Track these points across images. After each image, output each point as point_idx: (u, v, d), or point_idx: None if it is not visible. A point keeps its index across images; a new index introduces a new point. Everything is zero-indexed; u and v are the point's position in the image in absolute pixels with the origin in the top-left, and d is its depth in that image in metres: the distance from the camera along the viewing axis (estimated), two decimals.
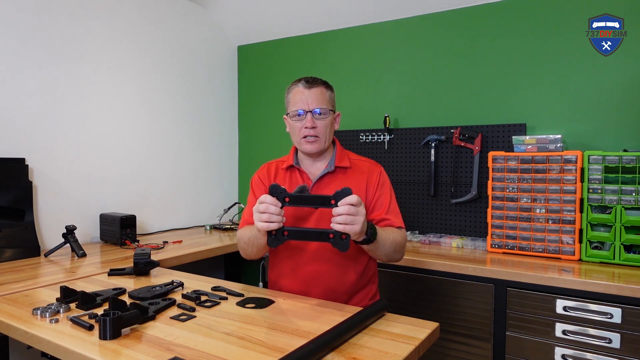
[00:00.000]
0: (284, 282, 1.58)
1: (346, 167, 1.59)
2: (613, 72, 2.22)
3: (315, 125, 1.52)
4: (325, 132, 1.55)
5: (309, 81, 1.56)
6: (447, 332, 2.04)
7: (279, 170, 1.66)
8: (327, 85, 1.60)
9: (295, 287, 1.54)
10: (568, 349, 1.79)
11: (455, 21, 2.62)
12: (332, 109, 1.59)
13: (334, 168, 1.57)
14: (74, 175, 2.41)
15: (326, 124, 1.55)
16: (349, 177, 1.57)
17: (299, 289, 1.54)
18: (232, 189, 3.51)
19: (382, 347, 1.09)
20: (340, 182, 1.56)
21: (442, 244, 2.42)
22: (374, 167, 1.61)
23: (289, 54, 3.26)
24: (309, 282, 1.52)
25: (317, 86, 1.55)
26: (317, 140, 1.54)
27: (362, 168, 1.59)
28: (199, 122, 3.21)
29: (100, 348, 1.06)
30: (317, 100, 1.53)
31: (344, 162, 1.59)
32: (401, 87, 2.81)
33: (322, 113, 1.53)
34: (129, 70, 2.71)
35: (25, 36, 2.20)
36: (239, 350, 1.05)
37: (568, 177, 2.08)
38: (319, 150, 1.56)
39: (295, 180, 1.60)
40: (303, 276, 1.53)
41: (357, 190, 1.53)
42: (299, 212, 1.54)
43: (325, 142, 1.57)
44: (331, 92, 1.60)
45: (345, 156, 1.62)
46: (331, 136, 1.60)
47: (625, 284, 1.68)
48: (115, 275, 1.75)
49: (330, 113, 1.56)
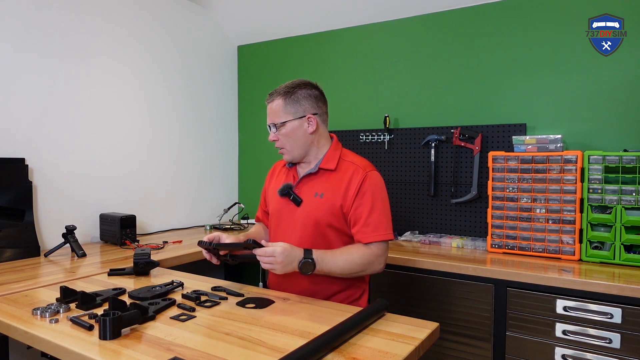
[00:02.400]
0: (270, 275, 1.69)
1: (331, 170, 1.59)
2: (613, 72, 2.22)
3: (276, 138, 1.60)
4: (288, 142, 1.58)
5: (269, 95, 1.61)
6: (447, 332, 2.04)
7: (282, 168, 1.75)
8: (285, 93, 1.57)
9: (274, 279, 1.67)
10: (568, 349, 1.79)
11: (455, 21, 2.62)
12: (294, 117, 1.56)
13: (317, 170, 1.60)
14: (74, 175, 2.41)
15: (286, 134, 1.57)
16: (332, 180, 1.57)
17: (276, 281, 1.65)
18: (232, 189, 3.51)
19: (382, 347, 1.09)
20: (321, 183, 1.59)
21: (442, 244, 2.42)
22: (358, 171, 1.55)
23: (289, 54, 3.26)
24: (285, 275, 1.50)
25: (273, 100, 1.59)
26: (283, 151, 1.61)
27: (347, 171, 1.56)
28: (199, 122, 3.21)
29: (100, 348, 1.06)
30: (272, 115, 1.59)
31: (330, 164, 1.59)
32: (401, 87, 2.80)
33: (277, 126, 1.57)
34: (129, 70, 2.71)
35: (25, 36, 2.20)
36: (239, 350, 1.05)
37: (568, 177, 2.07)
38: (290, 160, 1.63)
39: (288, 178, 1.68)
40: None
41: (334, 193, 1.55)
42: (285, 207, 1.63)
43: (293, 151, 1.60)
44: (290, 99, 1.56)
45: (334, 158, 1.60)
46: (300, 142, 1.58)
47: (626, 284, 1.68)
48: (115, 275, 1.74)
49: (287, 123, 1.56)
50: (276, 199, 1.66)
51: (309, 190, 1.59)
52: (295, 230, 1.58)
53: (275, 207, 1.67)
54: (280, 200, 1.63)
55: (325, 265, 1.42)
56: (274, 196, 1.67)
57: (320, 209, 1.54)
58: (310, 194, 1.58)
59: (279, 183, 1.68)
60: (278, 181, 1.71)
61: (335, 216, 1.54)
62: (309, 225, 1.55)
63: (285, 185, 1.61)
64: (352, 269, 1.47)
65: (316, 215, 1.55)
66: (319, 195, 1.56)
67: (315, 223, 1.55)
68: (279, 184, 1.67)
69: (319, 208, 1.55)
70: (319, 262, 1.41)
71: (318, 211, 1.55)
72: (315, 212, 1.55)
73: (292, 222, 1.60)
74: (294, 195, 1.59)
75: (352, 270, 1.47)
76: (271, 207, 1.70)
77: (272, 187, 1.74)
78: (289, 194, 1.60)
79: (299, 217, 1.58)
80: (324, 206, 1.54)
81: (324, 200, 1.55)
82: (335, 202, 1.54)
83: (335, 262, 1.44)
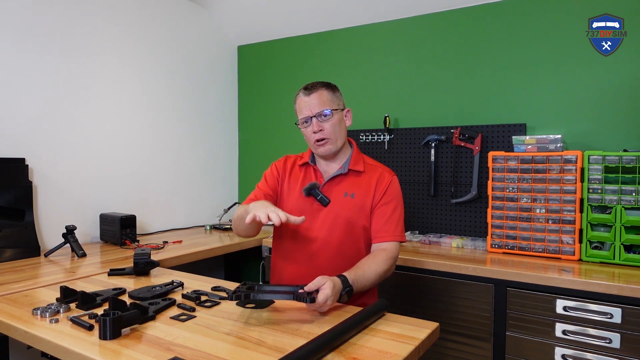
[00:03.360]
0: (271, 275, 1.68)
1: (360, 171, 1.61)
2: (613, 72, 2.22)
3: (321, 127, 1.56)
4: (334, 131, 1.57)
5: (308, 87, 1.60)
6: (447, 332, 2.04)
7: (295, 165, 1.70)
8: (328, 85, 1.61)
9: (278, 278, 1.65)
10: (568, 349, 1.79)
11: (455, 21, 2.62)
12: (338, 107, 1.60)
13: (347, 170, 1.60)
14: (74, 175, 2.41)
15: (333, 123, 1.57)
16: (361, 181, 1.60)
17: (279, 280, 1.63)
18: (232, 189, 3.51)
19: (382, 347, 1.09)
20: (350, 184, 1.59)
21: (442, 244, 2.42)
22: (385, 175, 1.61)
23: (289, 54, 3.26)
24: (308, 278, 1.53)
25: (316, 90, 1.58)
26: (327, 142, 1.57)
27: (374, 174, 1.61)
28: (199, 122, 3.21)
29: (100, 348, 1.06)
30: (318, 104, 1.56)
31: (358, 166, 1.62)
32: (401, 87, 2.81)
33: (325, 114, 1.56)
34: (129, 70, 2.71)
35: (26, 36, 2.20)
36: (239, 350, 1.05)
37: (568, 177, 2.07)
38: (333, 151, 1.59)
39: (309, 176, 1.64)
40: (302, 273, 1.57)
41: (364, 194, 1.57)
42: (307, 207, 1.58)
43: (337, 141, 1.59)
44: (333, 91, 1.61)
45: (360, 160, 1.64)
46: (343, 134, 1.62)
47: (626, 284, 1.68)
48: (115, 275, 1.74)
49: (335, 112, 1.58)
50: (295, 198, 1.60)
51: (338, 191, 1.58)
52: (322, 230, 1.56)
53: (295, 206, 1.59)
54: (302, 199, 1.59)
55: (360, 285, 1.40)
56: (294, 195, 1.61)
57: (352, 209, 1.56)
58: (339, 194, 1.58)
59: (298, 182, 1.63)
60: (295, 180, 1.64)
61: (365, 216, 1.57)
62: (340, 225, 1.55)
63: (312, 184, 1.57)
64: (381, 278, 1.49)
65: (348, 215, 1.55)
66: (349, 195, 1.57)
67: (347, 223, 1.55)
68: (297, 183, 1.63)
69: (351, 208, 1.56)
70: (355, 285, 1.37)
71: (350, 211, 1.55)
72: (347, 212, 1.55)
73: (317, 224, 1.56)
74: (321, 195, 1.56)
75: (380, 280, 1.49)
76: (289, 207, 1.60)
77: (289, 185, 1.65)
78: (317, 193, 1.56)
79: (327, 218, 1.56)
80: (355, 206, 1.56)
81: (355, 200, 1.56)
82: (365, 202, 1.57)
83: (367, 279, 1.43)
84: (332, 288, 1.23)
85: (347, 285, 1.33)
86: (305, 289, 1.22)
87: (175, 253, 2.20)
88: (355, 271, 1.40)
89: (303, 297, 1.19)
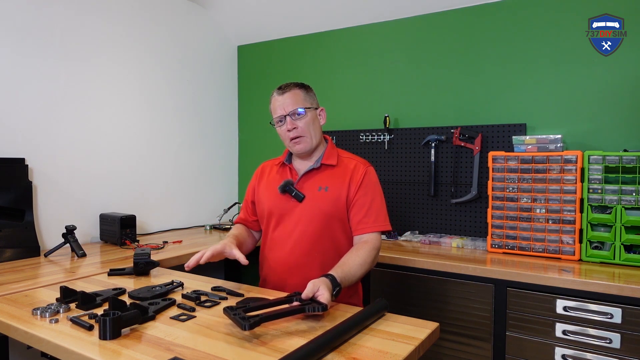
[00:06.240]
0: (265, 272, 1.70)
1: (332, 165, 1.64)
2: (613, 72, 2.22)
3: (295, 125, 1.59)
4: (308, 129, 1.61)
5: (282, 87, 1.63)
6: (447, 332, 2.04)
7: (271, 168, 1.75)
8: (301, 85, 1.65)
9: (275, 277, 1.65)
10: (568, 349, 1.79)
11: (455, 21, 2.62)
12: (311, 106, 1.63)
13: (319, 165, 1.63)
14: (74, 175, 2.41)
15: (307, 122, 1.60)
16: (334, 174, 1.62)
17: (277, 278, 1.64)
18: (232, 189, 3.51)
19: (382, 347, 1.09)
20: (323, 178, 1.62)
21: (442, 244, 2.42)
22: (359, 166, 1.63)
23: (289, 54, 3.26)
24: (287, 272, 1.61)
25: (290, 90, 1.61)
26: (302, 140, 1.61)
27: (349, 166, 1.63)
28: (199, 122, 3.21)
29: (100, 348, 1.06)
30: (292, 103, 1.60)
31: (331, 159, 1.64)
32: (401, 87, 2.80)
33: (299, 113, 1.59)
34: (129, 70, 2.71)
35: (26, 36, 2.20)
36: (239, 350, 1.05)
37: (568, 177, 2.07)
38: (308, 149, 1.63)
39: (285, 175, 1.68)
40: (282, 267, 1.62)
41: (339, 186, 1.60)
42: (284, 205, 1.62)
43: (312, 140, 1.62)
44: (306, 91, 1.65)
45: (334, 154, 1.66)
46: (317, 132, 1.65)
47: (626, 284, 1.68)
48: (115, 275, 1.74)
49: (308, 111, 1.61)
50: (272, 197, 1.65)
51: (312, 186, 1.61)
52: (298, 226, 1.59)
53: (271, 205, 1.65)
54: (278, 197, 1.63)
55: (348, 281, 1.40)
56: (269, 195, 1.67)
57: (326, 202, 1.58)
58: (313, 189, 1.60)
59: (273, 182, 1.68)
60: (271, 180, 1.71)
61: (340, 208, 1.58)
62: (316, 219, 1.57)
63: (286, 182, 1.61)
64: (366, 270, 1.50)
65: (322, 208, 1.58)
66: (323, 189, 1.59)
67: (322, 216, 1.57)
68: (272, 183, 1.68)
69: (325, 201, 1.58)
70: (344, 283, 1.37)
71: (324, 204, 1.58)
72: (321, 205, 1.58)
73: (294, 219, 1.60)
74: (296, 191, 1.60)
75: (365, 272, 1.50)
76: (266, 206, 1.67)
77: (263, 186, 1.73)
78: (291, 190, 1.60)
79: (303, 213, 1.59)
80: (329, 199, 1.58)
81: (329, 194, 1.59)
82: (340, 194, 1.58)
83: (354, 274, 1.43)
84: (329, 291, 1.25)
85: (336, 285, 1.33)
86: (302, 296, 1.23)
87: (175, 253, 2.19)
88: (341, 268, 1.41)
89: (315, 309, 1.20)
